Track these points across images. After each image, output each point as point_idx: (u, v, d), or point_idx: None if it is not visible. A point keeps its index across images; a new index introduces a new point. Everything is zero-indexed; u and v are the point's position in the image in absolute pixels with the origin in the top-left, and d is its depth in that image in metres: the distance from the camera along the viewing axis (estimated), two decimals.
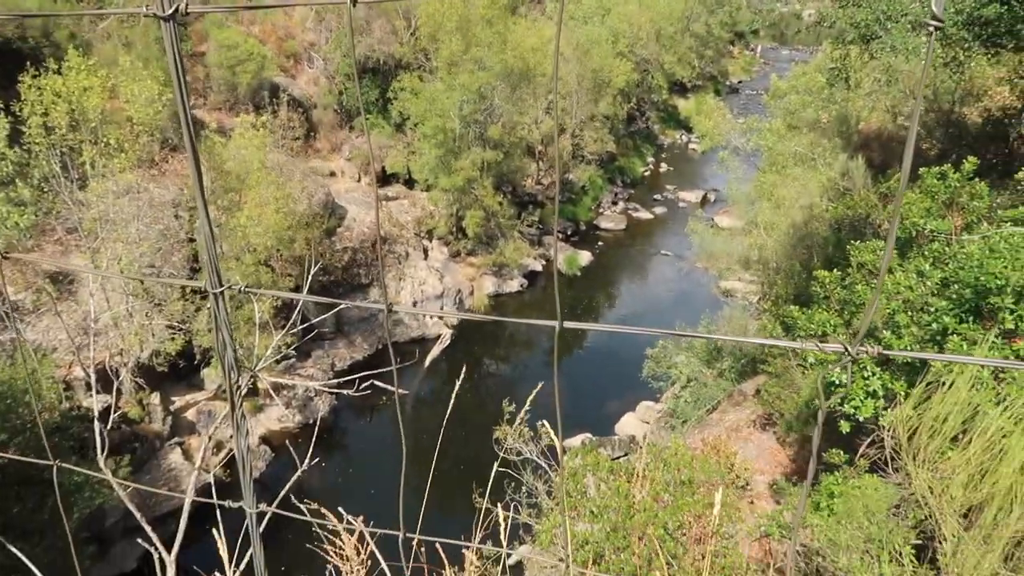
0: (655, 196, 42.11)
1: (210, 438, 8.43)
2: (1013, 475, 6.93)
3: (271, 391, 20.44)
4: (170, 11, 0.91)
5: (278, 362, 22.71)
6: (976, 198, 10.21)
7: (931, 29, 0.97)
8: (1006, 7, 12.64)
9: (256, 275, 21.63)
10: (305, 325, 12.73)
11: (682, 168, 47.54)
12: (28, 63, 18.28)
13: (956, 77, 18.70)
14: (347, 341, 25.66)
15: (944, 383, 7.75)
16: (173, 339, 19.91)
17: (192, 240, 23.03)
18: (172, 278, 21.68)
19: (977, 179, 10.45)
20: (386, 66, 33.88)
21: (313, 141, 32.43)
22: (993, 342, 8.24)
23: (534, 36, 32.00)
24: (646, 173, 46.01)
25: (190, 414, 21.38)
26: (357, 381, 9.71)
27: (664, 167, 47.46)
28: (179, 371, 21.21)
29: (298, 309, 10.40)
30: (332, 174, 31.76)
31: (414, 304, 27.79)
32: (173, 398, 21.61)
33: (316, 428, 20.29)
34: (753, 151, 30.47)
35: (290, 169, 26.45)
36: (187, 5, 0.98)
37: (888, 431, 8.62)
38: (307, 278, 8.04)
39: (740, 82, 70.04)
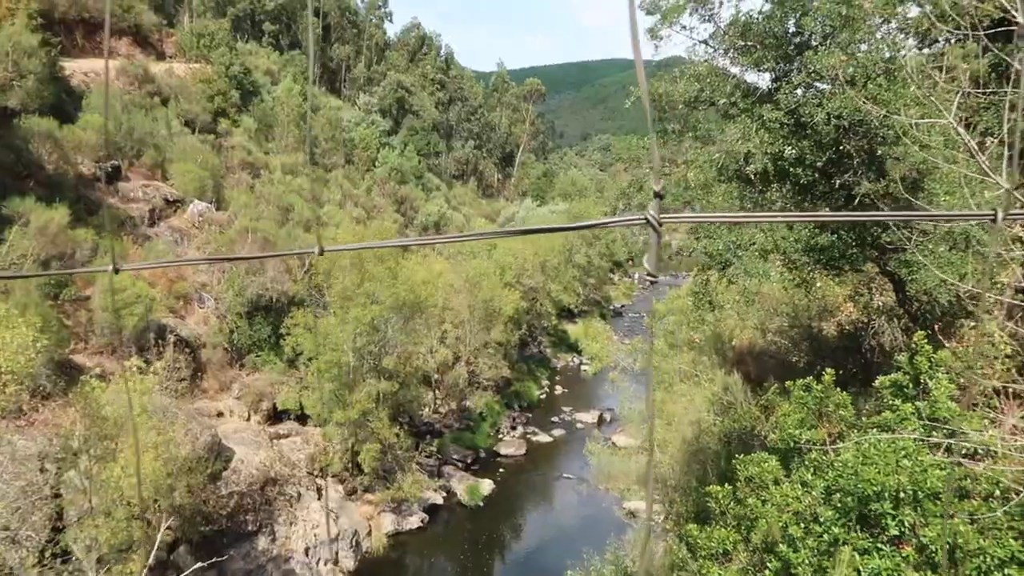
0: (552, 419, 42.49)
1: None
2: None
3: None
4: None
5: None
6: (841, 407, 10.88)
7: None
8: (836, 236, 14.38)
9: (128, 531, 19.77)
10: None
11: (576, 390, 48.64)
12: None
13: (808, 296, 20.61)
14: None
15: None
16: None
17: (57, 495, 21.09)
18: (27, 538, 19.56)
19: (839, 389, 11.21)
20: (279, 303, 34.23)
21: (200, 381, 31.50)
22: (881, 549, 8.38)
23: (424, 270, 33.47)
24: (542, 396, 46.74)
25: None
26: None
27: (559, 389, 48.44)
28: None
29: None
30: (220, 414, 30.59)
31: (306, 552, 25.83)
32: None
33: None
34: (640, 371, 31.74)
35: (174, 412, 25.32)
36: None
37: None
38: None
39: (622, 306, 74.45)
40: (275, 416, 32.10)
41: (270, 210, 41.56)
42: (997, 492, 9.21)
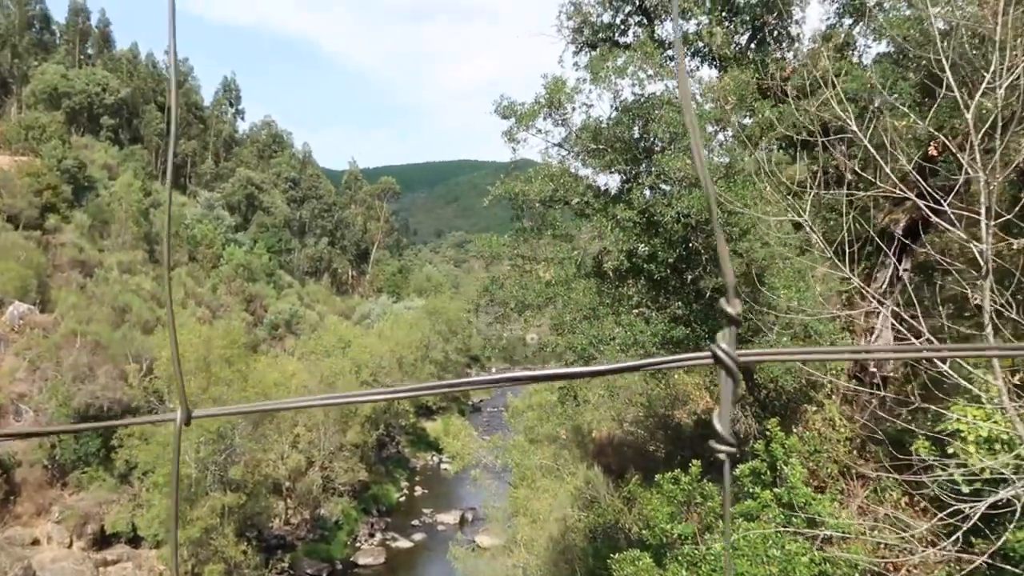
0: (413, 522, 40.82)
1: None
2: None
3: None
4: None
5: None
6: (708, 499, 11.05)
7: None
8: (689, 328, 15.02)
9: None
10: None
11: (437, 490, 47.24)
12: None
13: (662, 386, 21.30)
14: None
15: None
16: None
17: None
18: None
19: (704, 479, 11.41)
20: (111, 412, 31.24)
21: (12, 505, 27.82)
22: None
23: (276, 371, 31.87)
24: (401, 499, 44.99)
25: None
26: None
27: (419, 490, 46.88)
28: None
29: None
30: (35, 542, 27.00)
31: None
32: None
33: None
34: (503, 468, 31.31)
35: None
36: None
37: None
38: None
39: (481, 401, 74.16)
40: (103, 540, 28.72)
41: (103, 311, 38.51)
42: (855, 575, 9.53)
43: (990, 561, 6.93)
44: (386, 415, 48.13)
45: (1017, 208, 6.62)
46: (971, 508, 6.29)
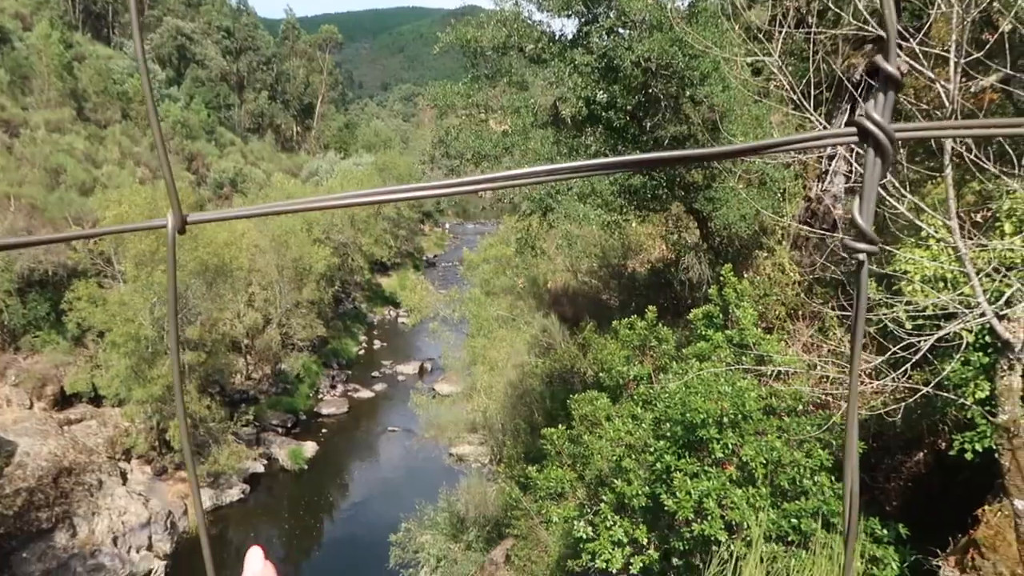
0: (373, 373, 41.89)
1: None
2: None
3: None
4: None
5: None
6: (663, 341, 11.47)
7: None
8: (648, 177, 15.00)
9: None
10: None
11: (395, 342, 48.24)
12: None
13: (616, 237, 21.51)
14: None
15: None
16: None
17: None
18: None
19: (660, 324, 11.80)
20: (57, 276, 30.53)
21: None
22: (708, 471, 8.95)
23: (225, 231, 31.23)
24: (360, 352, 45.90)
25: None
26: None
27: (378, 343, 47.80)
28: None
29: None
30: None
31: (114, 541, 23.73)
32: None
33: None
34: (460, 319, 31.92)
35: None
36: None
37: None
38: None
39: (435, 256, 74.49)
40: (63, 400, 28.89)
41: (35, 173, 36.69)
42: (800, 407, 10.12)
43: (932, 391, 7.39)
44: (340, 272, 48.10)
45: (985, 48, 6.54)
46: (921, 341, 6.62)
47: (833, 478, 8.69)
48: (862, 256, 0.62)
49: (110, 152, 47.46)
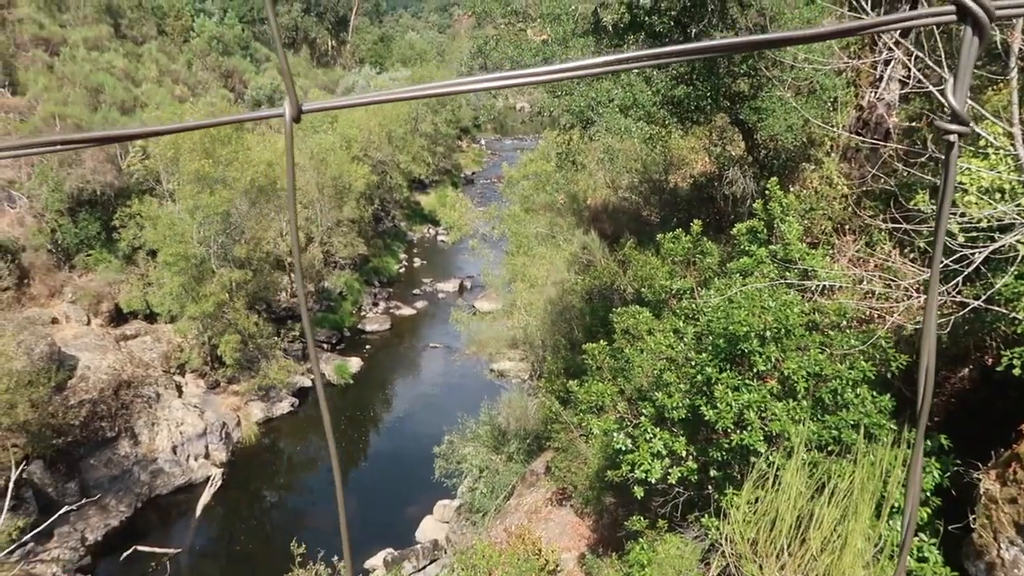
0: (414, 291, 42.43)
1: None
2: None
3: None
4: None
5: (10, 553, 19.08)
6: (708, 255, 11.35)
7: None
8: (692, 87, 14.54)
9: None
10: None
11: (435, 260, 48.59)
12: None
13: (658, 151, 21.06)
14: (98, 507, 22.30)
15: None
16: None
17: None
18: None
19: (703, 238, 11.66)
20: (105, 197, 31.12)
21: (27, 288, 28.58)
22: (749, 384, 9.00)
23: (267, 151, 31.34)
24: (401, 270, 46.38)
25: None
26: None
27: (418, 261, 48.20)
28: None
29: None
30: (54, 321, 28.10)
31: (173, 450, 24.96)
32: None
33: None
34: (499, 237, 31.93)
35: (0, 324, 22.99)
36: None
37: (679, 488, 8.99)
38: None
39: (473, 173, 73.93)
40: (119, 317, 29.92)
41: (77, 92, 36.92)
42: (843, 322, 10.03)
43: (983, 306, 7.24)
44: (379, 190, 48.14)
45: None
46: (974, 254, 6.44)
47: (875, 392, 8.67)
48: (953, 138, 0.59)
49: (148, 70, 47.43)
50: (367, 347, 35.23)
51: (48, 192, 30.16)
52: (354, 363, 32.85)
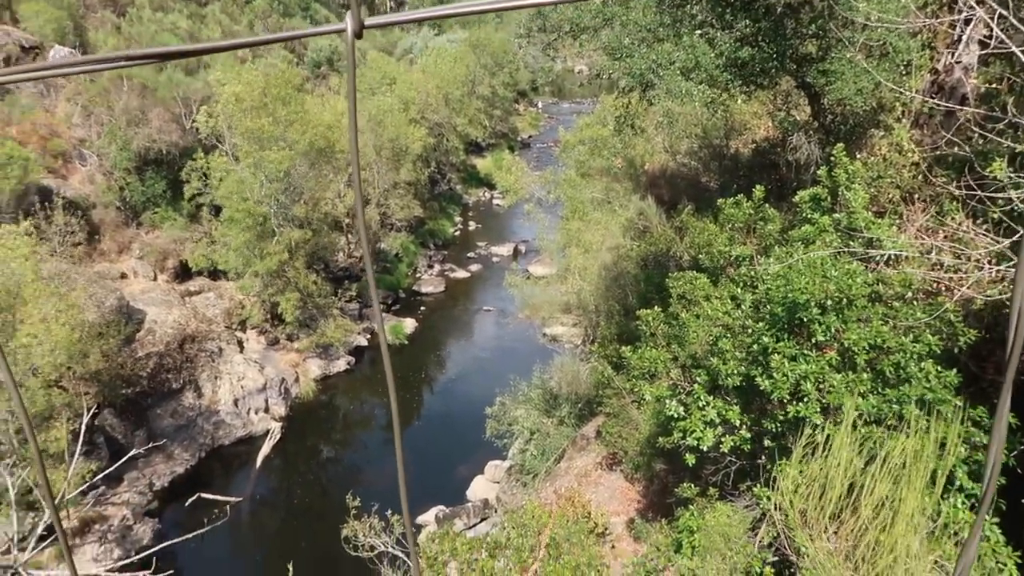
0: (469, 254, 42.66)
1: None
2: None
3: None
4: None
5: (83, 493, 20.15)
6: (769, 221, 11.10)
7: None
8: (756, 49, 14.10)
9: (47, 399, 19.12)
10: None
11: (490, 224, 48.67)
12: None
13: (720, 115, 20.56)
14: (164, 455, 23.31)
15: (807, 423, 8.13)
16: None
17: None
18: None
19: (766, 204, 11.40)
20: (170, 155, 31.96)
21: (97, 243, 29.69)
22: (807, 355, 8.83)
23: (327, 112, 31.66)
24: (456, 233, 46.62)
25: None
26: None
27: (473, 225, 48.36)
28: None
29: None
30: (123, 276, 29.19)
31: (235, 403, 25.85)
32: None
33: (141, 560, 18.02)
34: (555, 201, 31.76)
35: (73, 277, 23.96)
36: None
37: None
38: None
39: (530, 137, 73.44)
40: (183, 273, 30.91)
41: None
42: (909, 294, 9.73)
43: None
44: (436, 153, 48.26)
45: None
46: None
47: (939, 366, 8.43)
48: None
49: (211, 31, 48.24)
50: (422, 309, 35.68)
51: (116, 151, 31.10)
52: (409, 324, 33.34)
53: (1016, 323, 0.62)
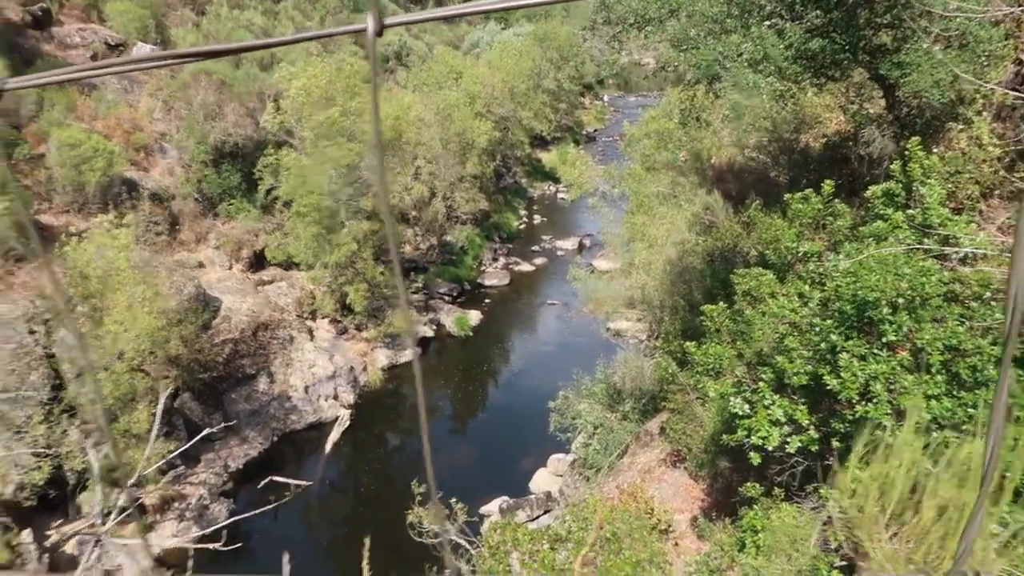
0: (533, 248, 42.80)
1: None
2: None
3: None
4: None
5: (163, 472, 21.12)
6: (839, 216, 10.88)
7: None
8: (828, 40, 13.78)
9: (131, 383, 20.13)
10: None
11: (555, 218, 48.71)
12: None
13: (789, 108, 20.14)
14: (239, 438, 24.22)
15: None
16: (39, 467, 18.07)
17: (51, 355, 21.21)
18: (28, 397, 19.82)
19: (836, 200, 11.17)
20: (245, 149, 33.04)
21: (176, 233, 30.96)
22: (877, 354, 8.66)
23: (393, 105, 32.21)
24: (521, 226, 46.82)
25: (69, 546, 19.37)
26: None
27: (537, 218, 48.48)
28: (50, 501, 19.24)
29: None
30: (200, 265, 30.36)
31: (305, 390, 26.65)
32: (48, 532, 19.54)
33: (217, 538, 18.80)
34: (620, 195, 31.60)
35: (155, 265, 25.08)
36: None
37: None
38: None
39: (595, 130, 73.07)
40: (257, 263, 31.97)
41: None
42: (987, 294, 9.42)
43: None
44: (501, 146, 48.50)
45: None
46: None
47: (1020, 371, 8.15)
48: None
49: (284, 27, 49.53)
50: (486, 301, 36.01)
51: (194, 144, 32.33)
52: (474, 316, 33.71)
53: (1012, 306, 0.71)
